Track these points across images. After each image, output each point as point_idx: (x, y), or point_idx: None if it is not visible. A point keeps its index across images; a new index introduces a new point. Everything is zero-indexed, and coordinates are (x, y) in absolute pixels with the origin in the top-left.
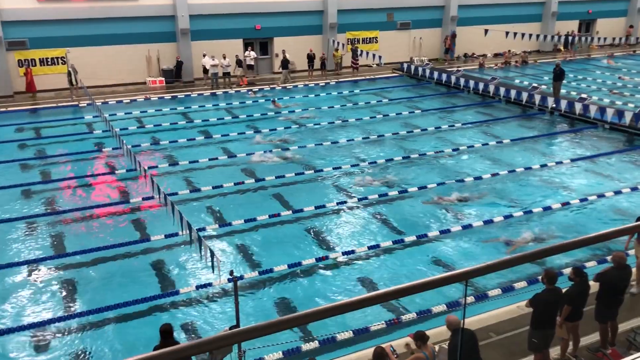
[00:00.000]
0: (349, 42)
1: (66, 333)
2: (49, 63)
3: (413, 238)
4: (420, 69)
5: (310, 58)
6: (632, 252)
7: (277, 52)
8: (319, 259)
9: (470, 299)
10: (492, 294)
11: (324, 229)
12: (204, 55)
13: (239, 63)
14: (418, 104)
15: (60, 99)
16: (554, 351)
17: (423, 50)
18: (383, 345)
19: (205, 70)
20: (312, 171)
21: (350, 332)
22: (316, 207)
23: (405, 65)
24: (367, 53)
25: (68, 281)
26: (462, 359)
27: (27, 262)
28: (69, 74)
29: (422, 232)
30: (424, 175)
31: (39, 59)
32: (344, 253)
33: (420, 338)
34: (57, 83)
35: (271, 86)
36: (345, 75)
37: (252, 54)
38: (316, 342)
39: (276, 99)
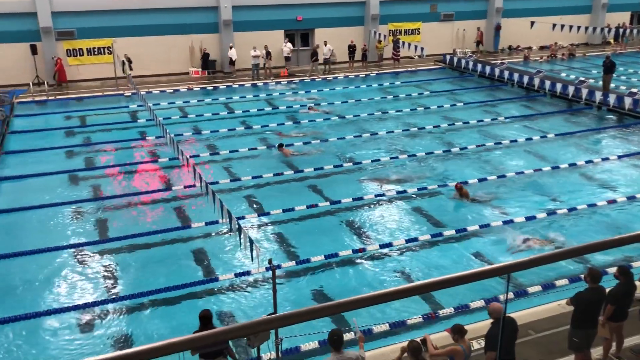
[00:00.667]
0: (391, 34)
1: (109, 315)
2: (96, 53)
3: (452, 232)
4: (463, 61)
5: (352, 49)
6: None
7: (318, 44)
8: (355, 251)
9: (509, 295)
10: (532, 290)
11: (362, 221)
12: (231, 47)
13: (267, 55)
14: (460, 96)
15: (106, 88)
16: (596, 351)
17: (466, 42)
18: (419, 339)
19: (232, 62)
20: (351, 163)
21: (387, 324)
22: (354, 199)
23: (447, 57)
24: (409, 45)
25: (111, 265)
26: (500, 347)
27: (73, 246)
28: (123, 63)
29: (461, 226)
30: (464, 169)
31: (86, 48)
32: (381, 245)
33: (458, 331)
34: (103, 72)
35: (310, 77)
36: (386, 67)
37: (289, 45)
38: (352, 333)
39: (314, 104)
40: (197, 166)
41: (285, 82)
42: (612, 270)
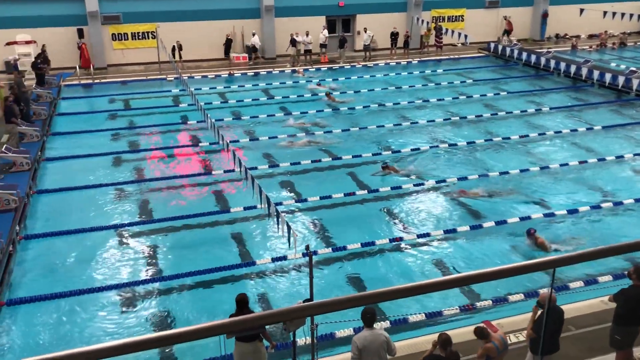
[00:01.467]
0: (434, 20)
1: (148, 295)
2: (140, 37)
3: (492, 224)
4: (507, 49)
5: (394, 36)
6: None
7: (359, 30)
8: (392, 240)
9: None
10: (574, 285)
11: (399, 210)
12: (254, 35)
13: (292, 42)
14: (504, 85)
15: (149, 72)
16: (639, 350)
17: (513, 30)
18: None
19: (254, 49)
20: (390, 152)
21: (423, 314)
22: (392, 188)
23: (492, 45)
24: (452, 32)
25: (151, 246)
26: (544, 338)
27: (116, 226)
28: (174, 48)
29: (500, 218)
30: (506, 159)
31: (131, 33)
32: (419, 235)
33: (481, 334)
34: (146, 57)
35: (352, 64)
36: (429, 54)
37: (325, 32)
38: (387, 321)
39: (331, 92)
40: (236, 151)
41: (325, 69)
42: None
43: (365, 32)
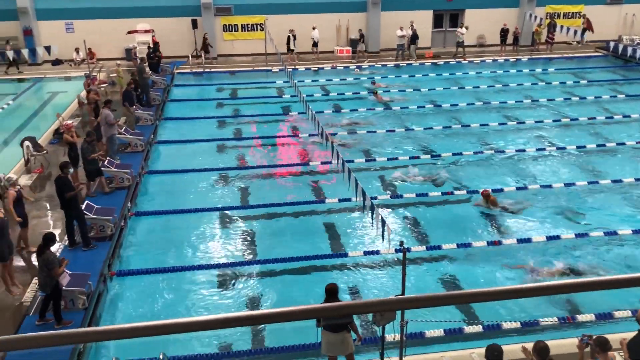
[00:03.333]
0: (548, 17)
1: (243, 276)
2: (249, 29)
3: (600, 234)
4: (629, 49)
5: (504, 33)
6: None
7: (467, 25)
8: (490, 243)
9: None
10: None
11: (499, 213)
12: (314, 28)
13: (361, 37)
14: (622, 87)
15: (256, 63)
16: None
17: (635, 28)
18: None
19: (314, 44)
20: (492, 151)
21: (519, 323)
22: (493, 190)
23: (611, 44)
24: (568, 29)
25: (248, 230)
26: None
27: (217, 209)
28: (289, 38)
29: (612, 229)
30: (619, 166)
31: (241, 24)
32: (519, 240)
33: (600, 345)
34: (254, 48)
35: (457, 59)
36: (539, 52)
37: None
38: (480, 326)
39: (378, 91)
40: (335, 143)
41: (430, 64)
42: None
43: (462, 27)
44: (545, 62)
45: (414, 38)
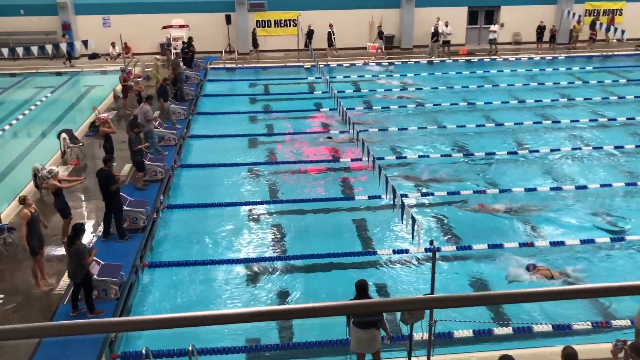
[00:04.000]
0: (587, 14)
1: (271, 271)
2: (282, 25)
3: (637, 237)
4: None
5: (540, 30)
6: None
7: (503, 22)
8: (522, 245)
9: None
10: None
11: (532, 214)
12: (331, 25)
13: (380, 34)
14: None
15: (288, 59)
16: None
17: None
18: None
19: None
20: (527, 150)
21: (550, 325)
22: (526, 190)
23: None
24: (608, 26)
25: (277, 226)
26: None
27: (247, 203)
28: (329, 35)
29: None
30: None
31: (274, 20)
32: (551, 243)
33: (637, 350)
34: (287, 44)
35: (491, 57)
36: (578, 50)
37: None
38: (510, 328)
39: (395, 89)
40: (365, 140)
41: (463, 61)
42: None
43: (494, 25)
44: (583, 61)
45: (435, 35)
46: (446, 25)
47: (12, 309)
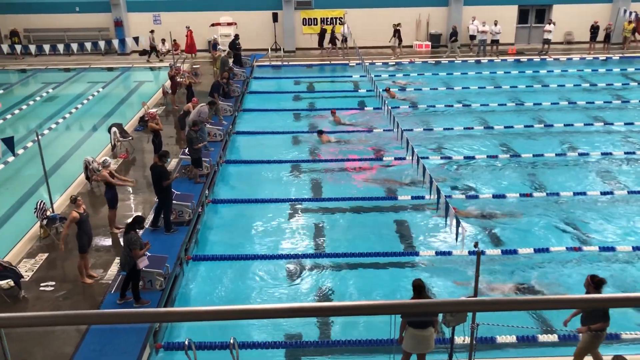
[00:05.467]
0: None
1: (312, 268)
2: (328, 23)
3: None
4: None
5: (594, 30)
6: None
7: (555, 21)
8: (570, 249)
9: None
10: None
11: (580, 217)
12: (343, 24)
13: (396, 33)
14: None
15: (332, 57)
16: None
17: None
18: None
19: (345, 39)
20: (576, 153)
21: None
22: (575, 194)
23: None
24: None
25: (319, 223)
26: None
27: (290, 200)
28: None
29: None
30: None
31: (320, 18)
32: (601, 248)
33: None
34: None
35: (541, 57)
36: (633, 50)
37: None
38: (555, 335)
39: (392, 88)
40: (409, 140)
41: (512, 60)
42: None
43: (550, 24)
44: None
45: (453, 35)
46: (495, 24)
47: (63, 296)
